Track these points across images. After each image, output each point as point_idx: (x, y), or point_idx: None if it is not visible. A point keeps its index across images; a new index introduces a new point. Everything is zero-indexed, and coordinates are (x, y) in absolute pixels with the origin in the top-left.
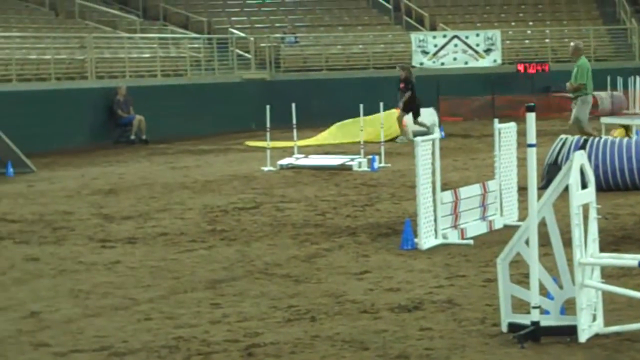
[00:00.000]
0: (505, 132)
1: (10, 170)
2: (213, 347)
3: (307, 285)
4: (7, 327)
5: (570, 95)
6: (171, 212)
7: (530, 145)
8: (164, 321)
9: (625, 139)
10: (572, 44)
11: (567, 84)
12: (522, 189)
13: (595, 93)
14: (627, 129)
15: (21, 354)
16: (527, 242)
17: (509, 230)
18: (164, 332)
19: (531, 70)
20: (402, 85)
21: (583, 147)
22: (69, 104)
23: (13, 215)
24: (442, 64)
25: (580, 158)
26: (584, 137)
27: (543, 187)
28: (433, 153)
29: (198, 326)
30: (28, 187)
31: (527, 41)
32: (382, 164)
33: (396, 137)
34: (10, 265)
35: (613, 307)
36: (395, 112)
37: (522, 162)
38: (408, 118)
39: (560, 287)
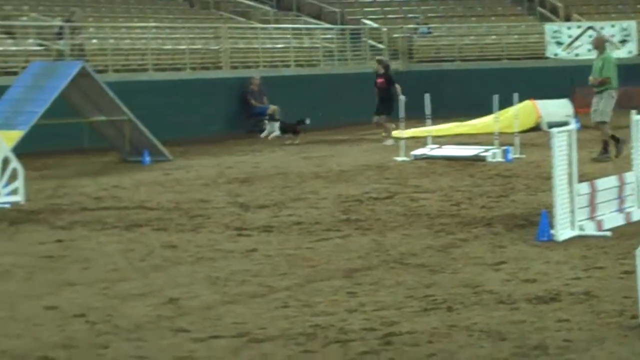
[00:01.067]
0: None
1: (147, 158)
2: (350, 335)
3: (443, 275)
4: (147, 312)
5: (594, 89)
6: (306, 201)
7: None
8: (301, 309)
9: None
10: (595, 35)
11: (590, 78)
12: None
13: None
14: None
15: (161, 339)
16: None
17: None
18: (301, 319)
19: None
20: (380, 80)
21: None
22: (203, 93)
23: (151, 202)
24: (577, 55)
25: None
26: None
27: None
28: (570, 144)
29: (335, 314)
30: (164, 175)
31: None
32: (517, 155)
33: (537, 126)
34: (149, 251)
35: None
36: (529, 103)
37: None
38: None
39: None
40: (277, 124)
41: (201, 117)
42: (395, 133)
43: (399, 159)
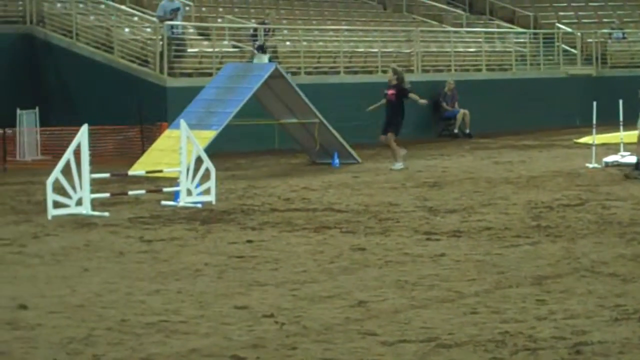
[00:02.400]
0: None
1: (337, 161)
2: (540, 343)
3: (635, 285)
4: (335, 315)
5: None
6: (495, 206)
7: None
8: (490, 315)
9: None
10: None
11: None
12: None
13: None
14: None
15: (349, 341)
16: None
17: None
18: (490, 326)
19: None
20: (390, 92)
21: None
22: None
23: (340, 205)
24: None
25: None
26: None
27: None
28: None
29: (524, 322)
30: (353, 177)
31: None
32: None
33: None
34: (338, 254)
35: None
36: None
37: None
38: None
39: None
40: None
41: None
42: (585, 139)
43: (590, 165)
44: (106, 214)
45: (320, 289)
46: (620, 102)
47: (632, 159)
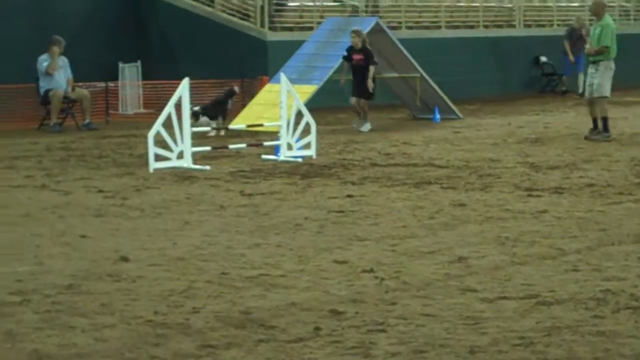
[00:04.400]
0: None
1: (437, 116)
2: None
3: None
4: (435, 270)
5: (590, 59)
6: (597, 163)
7: None
8: (591, 273)
9: None
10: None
11: (587, 46)
12: None
13: None
14: None
15: (449, 297)
16: None
17: None
18: (592, 284)
19: None
20: (357, 57)
21: None
22: (496, 52)
23: (440, 160)
24: None
25: None
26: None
27: None
28: None
29: (626, 280)
30: (454, 133)
31: None
32: None
33: None
34: (438, 209)
35: None
36: None
37: None
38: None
39: None
40: None
41: (493, 76)
42: None
43: None
44: (207, 167)
45: (420, 245)
46: None
47: None
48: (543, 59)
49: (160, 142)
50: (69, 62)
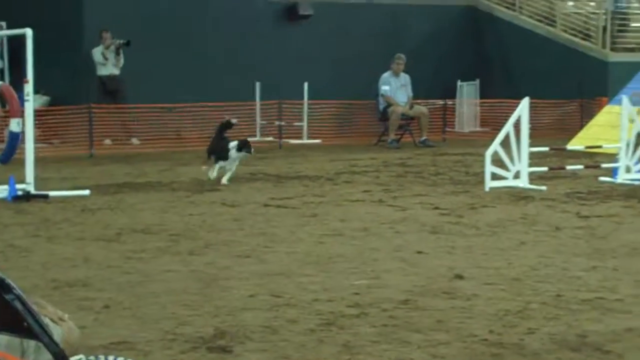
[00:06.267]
0: None
1: None
2: None
3: None
4: None
5: None
6: None
7: None
8: None
9: None
10: None
11: None
12: None
13: None
14: None
15: None
16: None
17: None
18: None
19: None
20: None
21: None
22: None
23: None
24: None
25: None
26: None
27: None
28: None
29: None
30: None
31: None
32: None
33: None
34: None
35: None
36: None
37: None
38: None
39: None
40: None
41: None
42: None
43: None
44: (543, 187)
45: None
46: None
47: None
48: None
49: (496, 161)
50: (410, 79)
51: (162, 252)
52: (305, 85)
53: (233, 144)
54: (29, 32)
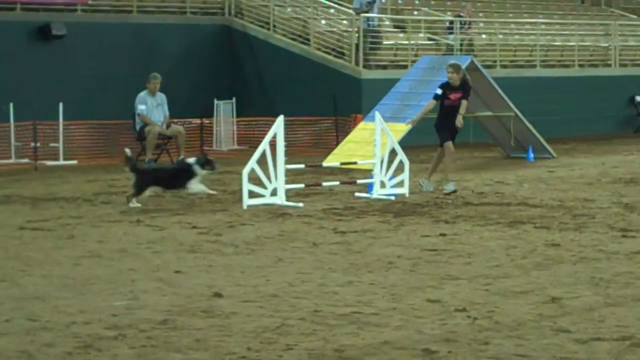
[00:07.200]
0: None
1: (531, 155)
2: None
3: None
4: (528, 310)
5: None
6: None
7: None
8: None
9: None
10: None
11: None
12: None
13: None
14: None
15: (542, 338)
16: None
17: None
18: None
19: None
20: (455, 96)
21: None
22: (591, 91)
23: (534, 200)
24: None
25: None
26: None
27: None
28: None
29: None
30: (548, 172)
31: None
32: None
33: None
34: (532, 249)
35: None
36: None
37: None
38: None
39: None
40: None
41: (588, 115)
42: None
43: None
44: (300, 204)
45: (513, 284)
46: None
47: None
48: (638, 98)
49: (254, 179)
50: (167, 98)
51: None
52: (61, 105)
53: None
54: None
